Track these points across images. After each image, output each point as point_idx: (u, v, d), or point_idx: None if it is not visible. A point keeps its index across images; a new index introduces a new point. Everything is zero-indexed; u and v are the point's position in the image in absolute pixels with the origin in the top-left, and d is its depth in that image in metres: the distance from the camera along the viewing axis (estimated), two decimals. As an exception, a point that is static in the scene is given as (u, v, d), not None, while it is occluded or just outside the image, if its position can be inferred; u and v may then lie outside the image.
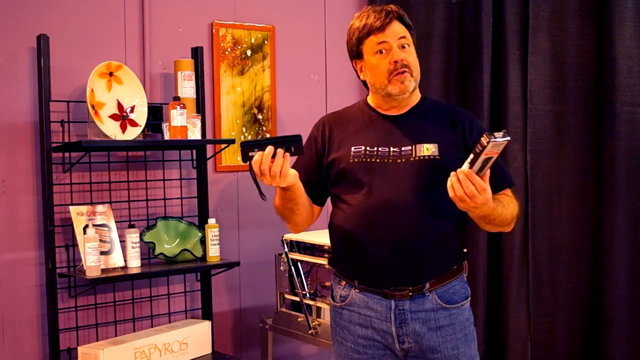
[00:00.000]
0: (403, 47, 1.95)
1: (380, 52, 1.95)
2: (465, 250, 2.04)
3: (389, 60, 1.93)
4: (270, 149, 1.75)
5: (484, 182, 1.71)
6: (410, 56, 1.95)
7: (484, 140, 1.61)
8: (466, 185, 1.71)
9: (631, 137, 3.11)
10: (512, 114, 3.26)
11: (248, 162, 1.76)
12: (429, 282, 1.93)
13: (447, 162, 1.91)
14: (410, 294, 1.92)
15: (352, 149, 1.97)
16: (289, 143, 1.77)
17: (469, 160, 1.68)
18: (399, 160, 1.92)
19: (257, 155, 1.75)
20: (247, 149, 1.76)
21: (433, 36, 3.39)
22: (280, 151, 1.75)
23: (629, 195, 3.13)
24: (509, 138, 1.61)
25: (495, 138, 1.59)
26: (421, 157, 1.92)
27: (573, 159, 3.23)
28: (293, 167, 2.11)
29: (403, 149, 1.93)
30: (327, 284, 2.75)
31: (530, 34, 3.23)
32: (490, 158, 1.65)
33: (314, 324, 2.78)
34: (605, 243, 3.15)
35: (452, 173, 1.73)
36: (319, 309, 2.80)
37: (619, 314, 3.12)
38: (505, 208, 1.90)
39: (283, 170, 1.77)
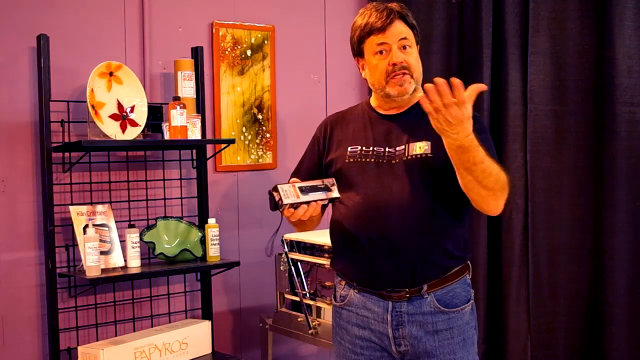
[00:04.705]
0: (404, 47, 1.92)
1: (380, 52, 1.93)
2: (467, 251, 1.99)
3: (388, 62, 1.91)
4: (303, 207, 1.81)
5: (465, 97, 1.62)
6: (411, 57, 1.93)
7: (286, 207, 1.77)
8: (444, 94, 1.64)
9: (631, 137, 3.11)
10: (512, 114, 3.26)
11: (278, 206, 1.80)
12: (426, 284, 1.90)
13: (439, 160, 1.85)
14: (408, 295, 1.90)
15: (349, 149, 1.97)
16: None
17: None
18: (393, 161, 1.91)
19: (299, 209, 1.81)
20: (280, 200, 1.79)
21: (433, 36, 3.39)
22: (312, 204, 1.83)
23: (629, 195, 3.13)
24: (274, 196, 1.77)
25: (281, 204, 1.77)
26: (413, 156, 1.89)
27: (573, 159, 3.22)
28: (297, 169, 2.11)
29: (397, 148, 1.92)
30: (327, 284, 2.75)
31: (530, 34, 3.23)
32: (294, 191, 1.79)
33: (314, 324, 2.78)
34: (605, 243, 3.14)
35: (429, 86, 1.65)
36: (319, 309, 2.80)
37: (619, 314, 3.12)
38: (490, 161, 1.75)
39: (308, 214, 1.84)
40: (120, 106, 2.72)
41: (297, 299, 2.87)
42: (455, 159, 1.74)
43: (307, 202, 1.81)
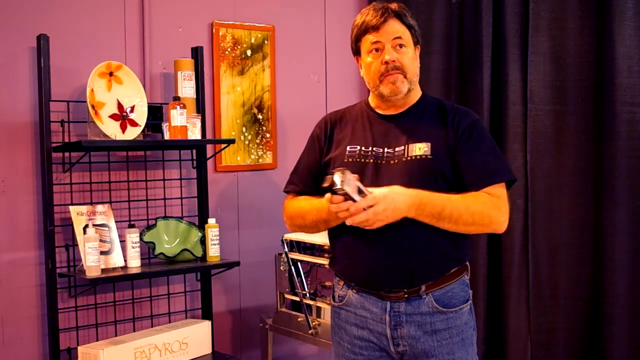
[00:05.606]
0: (400, 46, 1.93)
1: (376, 50, 1.93)
2: (466, 252, 1.98)
3: (381, 60, 1.92)
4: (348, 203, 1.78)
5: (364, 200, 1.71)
6: (405, 57, 1.93)
7: (340, 192, 1.69)
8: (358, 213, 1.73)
9: (631, 137, 3.11)
10: (512, 114, 3.26)
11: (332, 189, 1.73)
12: (424, 284, 1.90)
13: (438, 161, 1.87)
14: (406, 296, 1.90)
15: (348, 148, 1.97)
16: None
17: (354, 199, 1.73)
18: (392, 162, 1.91)
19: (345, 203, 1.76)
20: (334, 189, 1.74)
21: (433, 36, 3.39)
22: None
23: (629, 195, 3.13)
24: (339, 175, 1.68)
25: (337, 185, 1.67)
26: (413, 157, 1.89)
27: (573, 159, 3.22)
28: (295, 168, 2.11)
29: (397, 149, 1.92)
30: (327, 284, 2.75)
31: (530, 34, 3.23)
32: (355, 185, 1.71)
33: (314, 324, 2.78)
34: (605, 243, 3.14)
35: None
36: (319, 309, 2.80)
37: (619, 314, 3.12)
38: (458, 200, 1.81)
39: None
40: (120, 106, 2.72)
41: (297, 299, 2.87)
42: (424, 221, 1.82)
43: (356, 202, 1.75)
